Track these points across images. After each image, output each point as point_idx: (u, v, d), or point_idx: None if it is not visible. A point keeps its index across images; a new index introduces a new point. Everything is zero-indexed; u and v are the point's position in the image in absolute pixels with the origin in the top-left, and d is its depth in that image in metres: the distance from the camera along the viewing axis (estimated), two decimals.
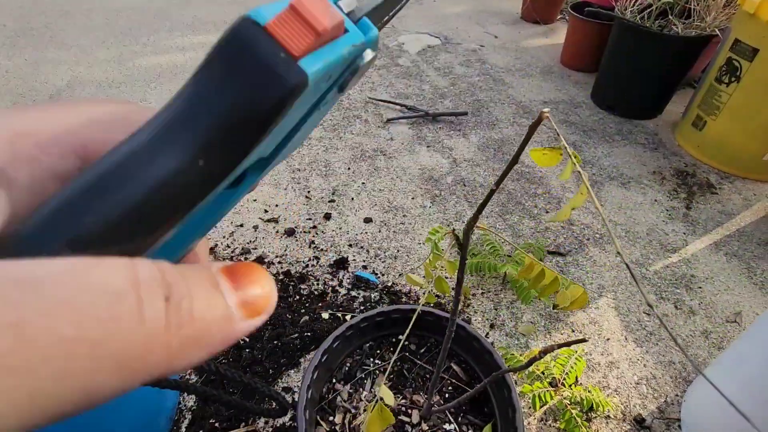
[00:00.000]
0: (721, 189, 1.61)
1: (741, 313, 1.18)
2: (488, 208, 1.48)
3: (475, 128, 1.89)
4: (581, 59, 2.34)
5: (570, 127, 1.92)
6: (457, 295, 0.51)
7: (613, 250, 1.35)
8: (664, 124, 1.97)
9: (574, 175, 1.64)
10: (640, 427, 0.95)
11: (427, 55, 2.51)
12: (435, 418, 0.70)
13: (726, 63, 1.59)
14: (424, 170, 1.64)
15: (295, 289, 1.18)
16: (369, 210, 1.46)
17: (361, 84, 2.19)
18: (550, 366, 0.97)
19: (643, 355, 1.08)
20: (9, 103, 1.97)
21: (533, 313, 1.16)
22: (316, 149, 1.73)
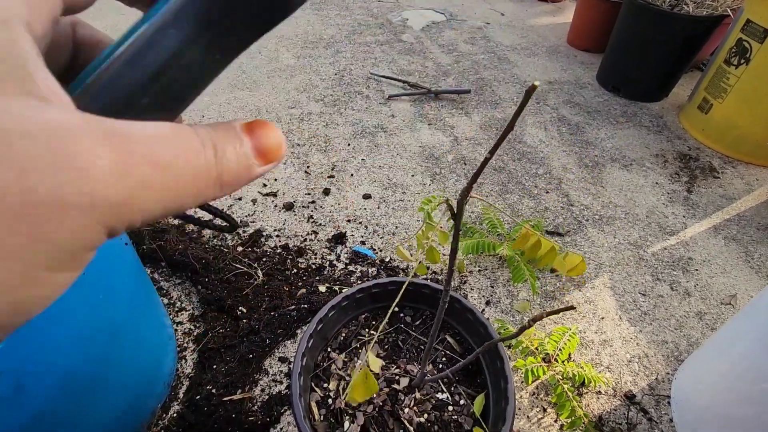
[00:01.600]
0: (724, 173, 1.60)
1: (736, 295, 1.19)
2: (488, 187, 1.48)
3: (477, 107, 1.87)
4: (588, 39, 2.30)
5: (574, 107, 1.89)
6: (450, 265, 0.51)
7: (611, 230, 1.35)
8: (669, 107, 1.94)
9: (576, 156, 1.62)
10: (630, 402, 0.96)
11: (431, 32, 2.46)
12: (428, 387, 0.71)
13: (736, 44, 1.56)
14: (424, 148, 1.63)
15: (292, 263, 1.19)
16: (368, 186, 1.45)
17: (363, 59, 2.15)
18: (544, 342, 0.98)
19: (636, 334, 1.09)
20: None
21: (529, 292, 1.16)
22: (316, 124, 1.71)
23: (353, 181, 1.47)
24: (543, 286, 1.18)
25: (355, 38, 2.35)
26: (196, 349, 0.99)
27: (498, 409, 0.65)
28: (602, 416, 0.94)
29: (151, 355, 0.83)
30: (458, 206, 0.40)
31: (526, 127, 1.77)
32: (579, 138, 1.72)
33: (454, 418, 0.68)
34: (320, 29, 2.42)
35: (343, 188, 1.44)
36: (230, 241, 1.24)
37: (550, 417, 0.93)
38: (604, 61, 2.04)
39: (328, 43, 2.28)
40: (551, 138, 1.71)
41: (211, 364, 0.96)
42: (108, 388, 0.69)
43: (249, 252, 1.20)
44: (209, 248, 1.19)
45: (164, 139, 0.14)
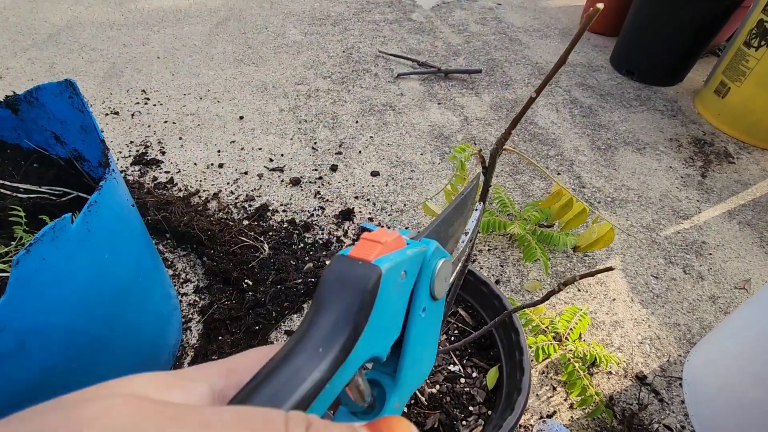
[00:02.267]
0: (739, 159, 1.56)
1: (750, 280, 1.16)
2: (499, 167, 1.45)
3: (488, 87, 1.83)
4: (603, 21, 2.24)
5: (587, 90, 1.85)
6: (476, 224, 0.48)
7: (624, 213, 1.32)
8: (684, 92, 1.90)
9: (588, 138, 1.59)
10: (641, 383, 0.95)
11: (441, 11, 2.40)
12: (440, 358, 0.70)
13: (757, 25, 1.51)
14: (434, 127, 1.60)
15: (299, 237, 1.16)
16: (376, 164, 1.42)
17: (371, 38, 2.10)
18: (555, 321, 0.96)
19: (648, 316, 1.07)
20: (7, 41, 1.90)
21: (539, 271, 1.14)
22: (324, 101, 1.67)
23: (361, 158, 1.44)
24: (554, 267, 1.16)
25: (363, 16, 2.29)
26: (201, 320, 0.98)
27: (512, 381, 0.63)
28: (613, 396, 0.92)
29: (156, 323, 0.81)
30: (491, 157, 0.38)
31: (537, 108, 1.73)
32: (591, 120, 1.69)
33: (466, 390, 0.67)
34: (328, 6, 2.37)
35: (351, 165, 1.41)
36: (236, 215, 1.22)
37: (560, 396, 0.92)
38: (619, 44, 1.99)
39: (336, 21, 2.23)
40: (563, 120, 1.68)
41: (217, 336, 0.94)
42: (112, 352, 0.67)
43: (255, 226, 1.18)
44: (215, 221, 1.17)
45: None
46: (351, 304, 0.19)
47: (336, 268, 0.20)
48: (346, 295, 0.19)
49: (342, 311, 0.19)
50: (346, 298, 0.19)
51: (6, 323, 0.49)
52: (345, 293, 0.19)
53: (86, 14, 2.13)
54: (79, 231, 0.53)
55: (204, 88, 1.71)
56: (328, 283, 0.20)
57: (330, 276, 0.20)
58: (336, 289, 0.19)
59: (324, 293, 0.19)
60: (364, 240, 0.21)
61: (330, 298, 0.19)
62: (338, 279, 0.20)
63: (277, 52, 1.95)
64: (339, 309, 0.19)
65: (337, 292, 0.19)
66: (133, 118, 1.55)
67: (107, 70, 1.78)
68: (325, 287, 0.20)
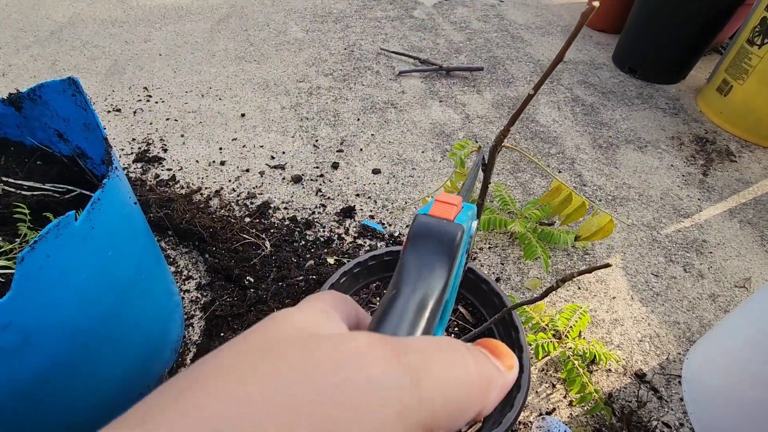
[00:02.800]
0: (741, 157, 1.56)
1: (750, 278, 1.17)
2: (500, 165, 1.45)
3: (490, 85, 1.83)
4: (605, 19, 2.23)
5: (588, 88, 1.85)
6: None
7: (625, 211, 1.32)
8: (686, 90, 1.89)
9: (589, 136, 1.59)
10: (640, 381, 0.95)
11: (443, 8, 2.40)
12: None
13: (760, 23, 1.51)
14: (435, 125, 1.60)
15: (300, 235, 1.17)
16: (378, 161, 1.43)
17: (373, 35, 2.10)
18: (555, 319, 0.97)
19: (648, 314, 1.07)
20: (9, 38, 1.90)
21: (539, 269, 1.15)
22: (325, 99, 1.68)
23: (362, 155, 1.44)
24: (554, 264, 1.16)
25: (365, 13, 2.29)
26: (203, 317, 0.98)
27: None
28: (612, 393, 0.93)
29: (159, 319, 0.82)
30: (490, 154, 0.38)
31: (539, 106, 1.73)
32: (593, 118, 1.68)
33: None
34: (329, 3, 2.36)
35: (352, 163, 1.41)
36: (238, 212, 1.22)
37: (559, 393, 0.92)
38: (621, 41, 1.99)
39: (338, 18, 2.23)
40: (565, 118, 1.68)
41: (219, 332, 0.95)
42: (114, 348, 0.68)
43: (256, 223, 1.19)
44: (216, 218, 1.18)
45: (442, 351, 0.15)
46: (443, 253, 0.23)
47: (423, 224, 0.24)
48: (438, 247, 0.23)
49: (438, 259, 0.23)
50: (439, 249, 0.23)
51: (11, 319, 0.50)
52: (437, 245, 0.23)
53: (88, 11, 2.13)
54: (82, 228, 0.54)
55: (206, 86, 1.71)
56: (422, 235, 0.24)
57: (421, 230, 0.24)
58: (430, 241, 0.23)
59: (419, 243, 0.23)
60: (440, 202, 0.25)
61: (426, 246, 0.23)
62: (429, 233, 0.24)
63: (279, 50, 1.95)
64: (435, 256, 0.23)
65: (432, 243, 0.23)
66: (136, 115, 1.55)
67: (109, 67, 1.79)
68: (420, 239, 0.24)
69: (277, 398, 0.12)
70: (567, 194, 0.42)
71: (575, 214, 0.43)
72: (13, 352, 0.52)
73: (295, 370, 0.13)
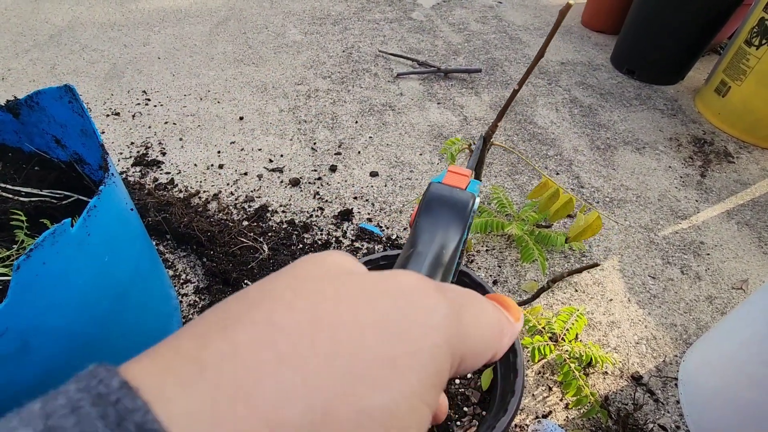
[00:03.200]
0: (739, 158, 1.56)
1: (748, 280, 1.17)
2: (497, 167, 1.45)
3: (488, 87, 1.83)
4: (603, 20, 2.24)
5: (587, 89, 1.85)
6: None
7: (622, 213, 1.32)
8: (684, 91, 1.89)
9: (587, 138, 1.59)
10: (637, 383, 0.95)
11: (441, 10, 2.40)
12: None
13: (758, 24, 1.51)
14: (433, 127, 1.60)
15: (298, 238, 1.17)
16: (375, 164, 1.43)
17: (371, 37, 2.10)
18: (551, 322, 0.97)
19: (645, 316, 1.08)
20: (9, 42, 1.91)
21: (537, 272, 1.15)
22: (323, 101, 1.68)
23: (360, 158, 1.45)
24: (551, 267, 1.16)
25: (363, 15, 2.30)
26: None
27: (506, 383, 0.64)
28: (608, 396, 0.93)
29: (157, 323, 0.83)
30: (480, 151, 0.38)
31: (537, 108, 1.73)
32: (591, 120, 1.69)
33: (461, 391, 0.68)
34: (328, 5, 2.37)
35: (350, 165, 1.42)
36: (236, 215, 1.23)
37: (555, 396, 0.92)
38: (619, 42, 1.99)
39: (336, 20, 2.24)
40: (563, 119, 1.68)
41: None
42: (113, 352, 0.68)
43: (254, 227, 1.19)
44: (214, 222, 1.18)
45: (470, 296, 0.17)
46: (456, 217, 0.25)
47: (438, 190, 0.26)
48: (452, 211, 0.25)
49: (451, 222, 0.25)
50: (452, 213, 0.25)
51: (9, 325, 0.50)
52: (450, 209, 0.25)
53: (87, 15, 2.14)
54: (78, 235, 0.54)
55: (204, 89, 1.72)
56: (436, 201, 0.26)
57: (436, 196, 0.26)
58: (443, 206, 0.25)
59: (434, 208, 0.26)
60: (452, 173, 0.28)
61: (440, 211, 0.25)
62: (443, 198, 0.26)
63: (277, 52, 1.95)
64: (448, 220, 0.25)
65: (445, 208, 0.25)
66: (134, 119, 1.56)
67: (108, 70, 1.79)
68: (434, 204, 0.26)
69: (344, 317, 0.13)
70: (554, 190, 0.43)
71: (563, 210, 0.44)
72: (11, 357, 0.53)
73: (356, 295, 0.14)
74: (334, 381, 0.12)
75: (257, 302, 0.14)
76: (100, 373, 0.11)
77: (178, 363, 0.12)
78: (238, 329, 0.13)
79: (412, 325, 0.14)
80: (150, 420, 0.10)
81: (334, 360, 0.12)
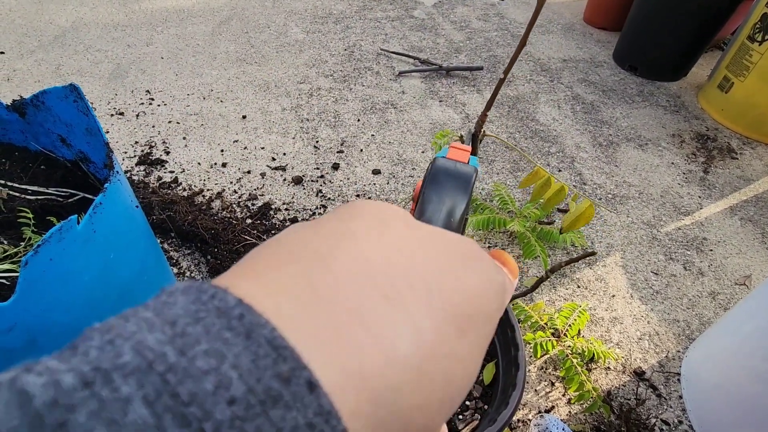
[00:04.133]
0: (742, 154, 1.56)
1: (751, 276, 1.16)
2: (499, 164, 1.45)
3: (489, 84, 1.83)
4: (605, 16, 2.23)
5: (589, 86, 1.85)
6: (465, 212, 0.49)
7: (624, 210, 1.32)
8: (687, 87, 1.89)
9: (589, 135, 1.59)
10: (639, 379, 0.95)
11: (443, 8, 2.40)
12: None
13: (761, 19, 1.50)
14: (435, 125, 1.60)
15: None
16: (378, 162, 1.43)
17: (373, 35, 2.11)
18: (554, 317, 0.97)
19: (647, 312, 1.08)
20: (14, 43, 1.92)
21: (539, 268, 1.15)
22: (326, 100, 1.69)
23: (363, 156, 1.45)
24: (553, 263, 1.16)
25: (365, 14, 2.30)
26: None
27: (508, 377, 0.64)
28: (611, 391, 0.93)
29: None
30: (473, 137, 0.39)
31: (539, 105, 1.73)
32: (593, 117, 1.68)
33: None
34: (330, 4, 2.37)
35: (353, 163, 1.42)
36: (239, 213, 1.24)
37: (558, 391, 0.93)
38: (622, 39, 1.98)
39: (338, 19, 2.24)
40: (565, 116, 1.68)
41: None
42: None
43: (258, 224, 1.20)
44: (218, 220, 1.19)
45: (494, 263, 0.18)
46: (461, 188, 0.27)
47: (444, 163, 0.28)
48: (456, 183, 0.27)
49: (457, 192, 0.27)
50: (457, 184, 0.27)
51: (17, 321, 0.51)
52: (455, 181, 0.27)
53: (91, 15, 2.15)
54: (84, 232, 0.55)
55: (207, 88, 1.73)
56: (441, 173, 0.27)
57: (441, 169, 0.28)
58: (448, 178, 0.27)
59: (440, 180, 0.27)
60: (455, 148, 0.29)
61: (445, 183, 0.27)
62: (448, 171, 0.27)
63: (280, 51, 1.96)
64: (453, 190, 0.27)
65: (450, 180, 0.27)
66: (138, 118, 1.57)
67: (112, 70, 1.81)
68: (440, 176, 0.27)
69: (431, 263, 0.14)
70: (546, 178, 0.43)
71: (555, 198, 0.44)
72: (19, 353, 0.53)
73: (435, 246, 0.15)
74: (431, 322, 0.12)
75: (345, 237, 0.14)
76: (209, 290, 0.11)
77: (289, 284, 0.12)
78: (337, 261, 0.13)
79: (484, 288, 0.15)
80: (278, 336, 0.10)
81: (430, 302, 0.13)
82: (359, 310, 0.12)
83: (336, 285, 0.12)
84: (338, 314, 0.11)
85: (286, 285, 0.12)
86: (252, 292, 0.11)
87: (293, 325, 0.11)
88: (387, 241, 0.14)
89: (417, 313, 0.12)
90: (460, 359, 0.13)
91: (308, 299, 0.12)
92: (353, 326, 0.11)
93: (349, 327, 0.11)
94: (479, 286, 0.14)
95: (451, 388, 0.13)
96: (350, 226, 0.15)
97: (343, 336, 0.11)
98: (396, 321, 0.12)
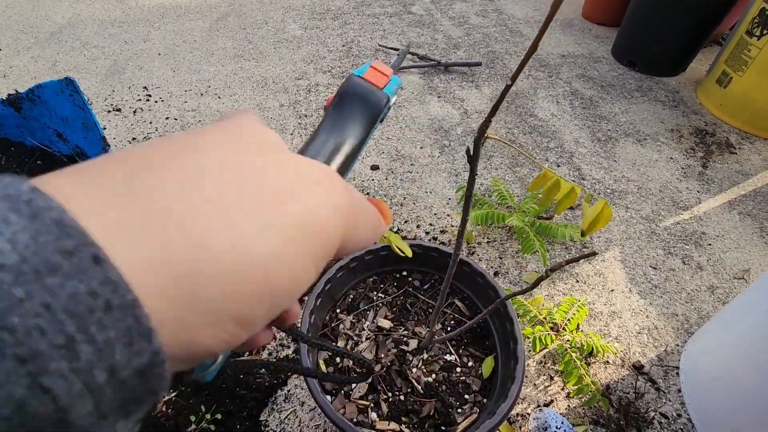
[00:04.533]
0: (741, 149, 1.56)
1: (749, 270, 1.17)
2: (498, 159, 1.45)
3: (488, 80, 1.82)
4: (604, 12, 2.22)
5: (588, 81, 1.85)
6: (465, 214, 0.49)
7: (623, 204, 1.32)
8: (686, 82, 1.89)
9: (588, 130, 1.59)
10: (638, 373, 0.96)
11: (441, 3, 2.39)
12: (436, 348, 0.71)
13: (759, 14, 1.50)
14: (433, 120, 1.60)
15: None
16: (376, 157, 1.43)
17: (371, 31, 2.10)
18: (552, 312, 0.97)
19: (646, 306, 1.08)
20: (10, 39, 1.91)
21: (538, 263, 1.15)
22: (324, 96, 1.68)
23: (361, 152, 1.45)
24: (552, 258, 1.16)
25: (363, 9, 2.29)
26: None
27: (507, 370, 0.64)
28: (609, 385, 0.93)
29: None
30: (475, 145, 0.39)
31: (537, 100, 1.73)
32: (592, 112, 1.68)
33: (462, 379, 0.68)
34: (327, 0, 2.36)
35: None
36: None
37: (557, 385, 0.93)
38: (620, 34, 1.98)
39: (336, 15, 2.23)
40: (563, 112, 1.67)
41: None
42: None
43: None
44: None
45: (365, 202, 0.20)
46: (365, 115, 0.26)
47: (355, 84, 0.27)
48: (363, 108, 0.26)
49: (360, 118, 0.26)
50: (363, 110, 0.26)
51: None
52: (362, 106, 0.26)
53: (87, 11, 2.14)
54: None
55: (205, 84, 1.72)
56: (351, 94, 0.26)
57: (352, 89, 0.27)
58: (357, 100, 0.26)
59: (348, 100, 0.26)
60: (374, 69, 0.27)
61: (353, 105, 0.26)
62: (358, 94, 0.26)
63: (277, 47, 1.95)
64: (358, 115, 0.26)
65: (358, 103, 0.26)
66: (135, 115, 1.56)
67: (109, 67, 1.80)
68: (349, 96, 0.26)
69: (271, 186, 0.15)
70: (555, 181, 0.43)
71: (566, 201, 0.43)
72: None
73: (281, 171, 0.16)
74: (252, 227, 0.13)
75: (188, 149, 0.15)
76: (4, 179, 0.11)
77: (106, 184, 0.12)
78: (167, 168, 0.13)
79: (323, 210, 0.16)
80: (66, 218, 0.10)
81: (257, 211, 0.14)
82: (173, 208, 0.12)
83: (156, 187, 0.13)
84: (151, 212, 0.12)
85: (102, 183, 0.12)
86: (63, 188, 0.12)
87: (98, 217, 0.11)
88: (235, 159, 0.15)
89: (238, 218, 0.13)
90: (285, 262, 0.14)
91: (120, 196, 0.12)
92: (164, 221, 0.12)
93: (159, 222, 0.12)
94: (319, 207, 0.16)
95: (270, 286, 0.14)
96: (204, 139, 0.15)
97: (151, 228, 0.12)
98: (213, 221, 0.13)
